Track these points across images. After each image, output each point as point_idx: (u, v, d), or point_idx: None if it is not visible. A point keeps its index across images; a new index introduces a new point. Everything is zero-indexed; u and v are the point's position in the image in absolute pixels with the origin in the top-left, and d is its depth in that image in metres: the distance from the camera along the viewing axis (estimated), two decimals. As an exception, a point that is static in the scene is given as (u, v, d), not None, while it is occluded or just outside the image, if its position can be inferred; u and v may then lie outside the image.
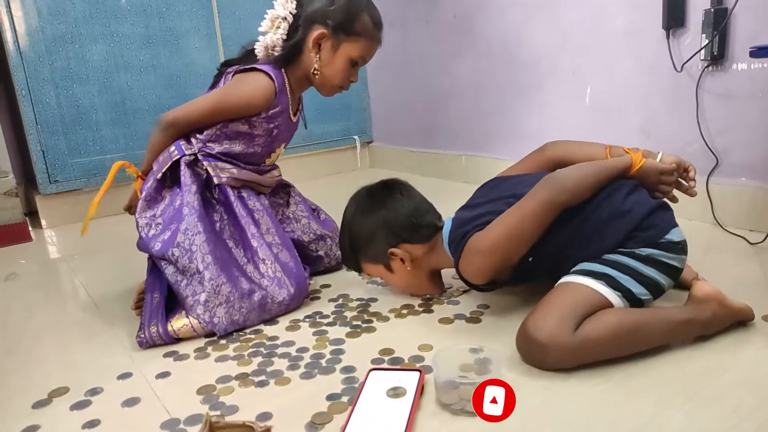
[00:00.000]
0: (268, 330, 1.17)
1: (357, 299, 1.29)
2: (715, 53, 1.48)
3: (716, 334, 0.99)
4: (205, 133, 1.25)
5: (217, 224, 1.24)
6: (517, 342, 0.97)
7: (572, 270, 1.02)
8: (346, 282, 1.40)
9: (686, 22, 1.55)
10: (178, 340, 1.13)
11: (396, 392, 0.88)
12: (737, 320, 1.01)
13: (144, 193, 1.22)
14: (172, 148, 1.23)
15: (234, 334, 1.16)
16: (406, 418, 0.82)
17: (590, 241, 1.02)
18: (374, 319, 1.18)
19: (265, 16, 1.25)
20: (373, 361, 1.01)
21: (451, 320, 1.15)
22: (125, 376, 1.03)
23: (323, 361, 1.03)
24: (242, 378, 0.99)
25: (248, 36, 1.32)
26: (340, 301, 1.29)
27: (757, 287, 1.19)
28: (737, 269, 1.30)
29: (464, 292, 1.28)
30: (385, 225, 1.16)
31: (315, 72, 1.26)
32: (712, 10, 1.46)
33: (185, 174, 1.21)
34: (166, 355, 1.10)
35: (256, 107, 1.23)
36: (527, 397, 0.86)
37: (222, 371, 1.02)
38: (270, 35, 1.25)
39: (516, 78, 2.07)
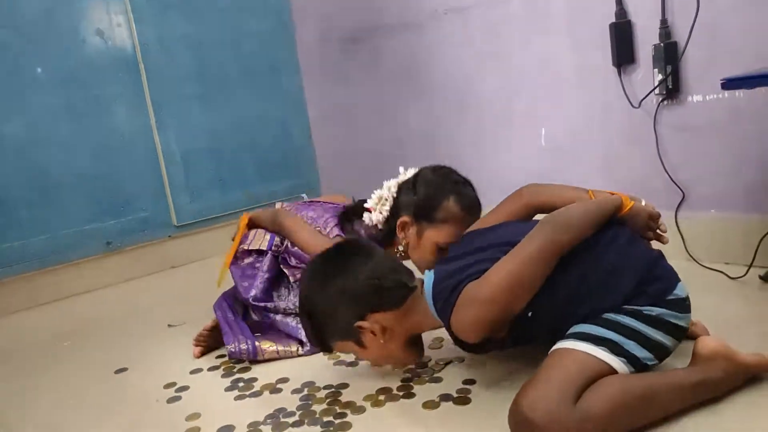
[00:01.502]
0: (223, 440, 0.99)
1: (325, 387, 1.13)
2: (670, 87, 1.45)
3: (729, 393, 0.89)
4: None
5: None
6: (510, 422, 0.84)
7: (570, 333, 0.91)
8: (311, 366, 1.23)
9: (636, 58, 1.53)
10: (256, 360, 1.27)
11: None
12: (752, 375, 0.91)
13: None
14: (267, 237, 1.40)
15: (182, 450, 0.97)
16: None
17: (595, 294, 0.92)
18: (348, 411, 1.02)
19: (373, 194, 1.34)
20: (354, 472, 0.85)
21: (436, 403, 1.01)
22: None
23: (293, 478, 0.86)
24: None
25: (179, 98, 1.18)
26: (305, 391, 1.12)
27: (752, 326, 1.11)
28: (725, 309, 1.22)
29: (446, 364, 1.14)
30: (345, 295, 0.99)
31: (402, 253, 1.29)
32: (662, 44, 1.44)
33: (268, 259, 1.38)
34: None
35: None
36: None
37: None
38: (375, 214, 1.31)
39: (468, 124, 2.01)
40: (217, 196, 2.36)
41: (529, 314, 0.93)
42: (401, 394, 1.06)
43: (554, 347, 0.90)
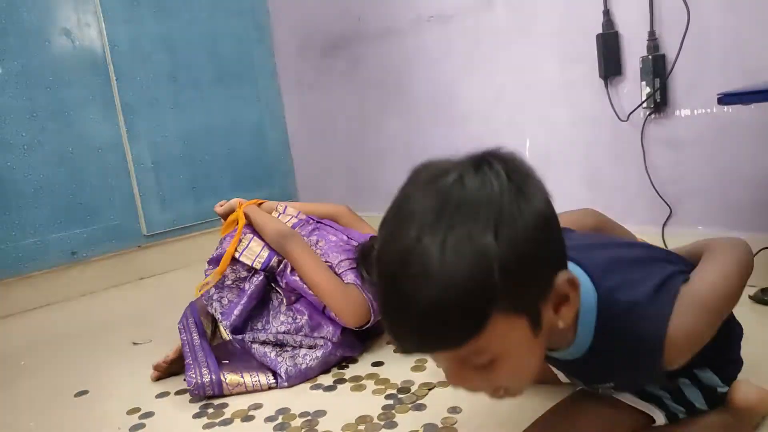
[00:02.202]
0: (190, 476, 0.91)
1: (300, 414, 1.05)
2: (658, 100, 1.42)
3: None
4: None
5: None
6: None
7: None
8: (286, 390, 1.15)
9: (623, 70, 1.50)
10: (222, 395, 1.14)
11: None
12: None
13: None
14: (265, 254, 1.28)
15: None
16: None
17: (713, 356, 0.78)
18: (325, 443, 0.95)
19: None
20: None
21: (420, 434, 0.95)
22: None
23: None
24: None
25: (151, 102, 1.10)
26: (280, 419, 1.05)
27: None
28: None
29: (429, 390, 1.08)
30: (547, 230, 0.60)
31: None
32: (650, 57, 1.41)
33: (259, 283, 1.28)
34: None
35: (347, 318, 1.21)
36: None
37: None
38: None
39: (451, 134, 1.96)
40: (190, 205, 2.27)
41: None
42: (382, 423, 0.99)
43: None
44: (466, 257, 0.54)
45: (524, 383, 0.66)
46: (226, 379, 1.14)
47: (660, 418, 0.81)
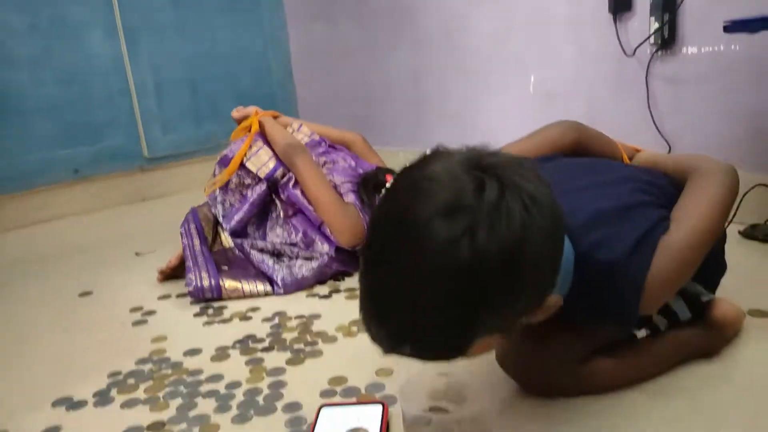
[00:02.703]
0: (189, 362, 0.96)
1: (297, 316, 1.10)
2: (666, 36, 1.42)
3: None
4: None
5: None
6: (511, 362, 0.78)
7: None
8: (283, 296, 1.20)
9: (633, 6, 1.48)
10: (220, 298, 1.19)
11: (357, 435, 0.71)
12: None
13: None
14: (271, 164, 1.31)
15: (145, 370, 0.94)
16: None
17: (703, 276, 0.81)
18: (319, 340, 1.00)
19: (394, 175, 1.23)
20: (323, 395, 0.83)
21: (409, 336, 0.99)
22: (-3, 438, 0.79)
23: (260, 398, 0.83)
24: (158, 429, 0.78)
25: (154, 25, 1.10)
26: (276, 320, 1.09)
27: (727, 281, 1.11)
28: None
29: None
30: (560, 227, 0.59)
31: None
32: (661, -10, 1.40)
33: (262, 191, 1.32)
34: (55, 404, 0.86)
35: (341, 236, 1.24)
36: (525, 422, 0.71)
37: (130, 421, 0.80)
38: None
39: (457, 67, 1.95)
40: (192, 130, 2.27)
41: None
42: (374, 325, 1.04)
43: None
44: (443, 317, 0.53)
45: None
46: (224, 284, 1.18)
47: (641, 331, 0.84)
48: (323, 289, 1.22)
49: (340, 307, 1.13)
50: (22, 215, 1.92)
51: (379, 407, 0.76)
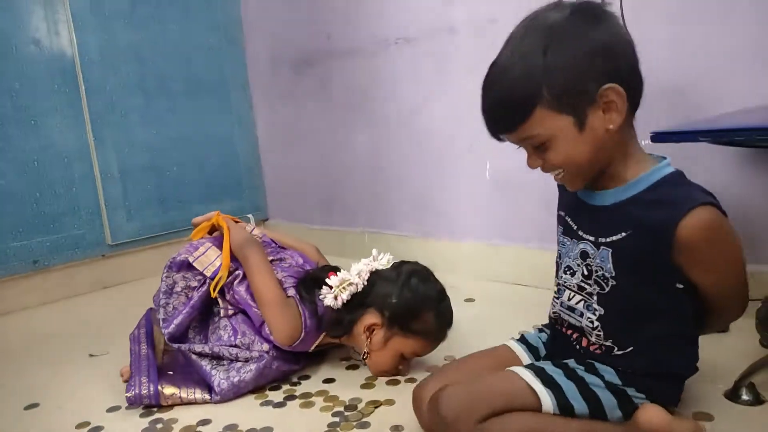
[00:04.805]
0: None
1: (248, 431, 1.07)
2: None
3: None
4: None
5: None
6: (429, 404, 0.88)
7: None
8: (236, 405, 1.17)
9: (578, 99, 1.55)
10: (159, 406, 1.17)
11: None
12: None
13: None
14: (217, 263, 1.31)
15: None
16: None
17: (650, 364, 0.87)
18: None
19: (338, 273, 1.23)
20: None
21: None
22: None
23: None
24: None
25: (121, 112, 1.12)
26: (227, 435, 1.06)
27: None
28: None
29: (376, 407, 1.11)
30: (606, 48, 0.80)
31: (365, 356, 1.22)
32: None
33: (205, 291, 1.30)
34: None
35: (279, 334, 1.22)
36: None
37: None
38: (331, 296, 1.20)
39: (415, 155, 2.00)
40: (157, 215, 2.27)
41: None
42: (325, 442, 1.01)
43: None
44: (517, 65, 0.81)
45: (574, 169, 0.86)
46: (163, 389, 1.17)
47: (547, 403, 0.84)
48: (278, 395, 1.19)
49: (293, 418, 1.10)
50: (-27, 310, 1.87)
51: None
